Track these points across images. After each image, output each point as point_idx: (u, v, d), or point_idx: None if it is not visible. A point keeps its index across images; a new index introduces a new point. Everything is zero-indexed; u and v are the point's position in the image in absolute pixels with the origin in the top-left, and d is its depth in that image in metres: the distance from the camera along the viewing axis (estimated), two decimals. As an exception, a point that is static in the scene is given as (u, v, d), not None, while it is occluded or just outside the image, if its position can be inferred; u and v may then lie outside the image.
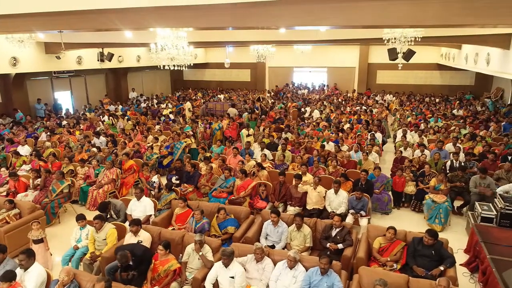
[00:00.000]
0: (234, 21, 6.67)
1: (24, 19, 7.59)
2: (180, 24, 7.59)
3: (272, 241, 5.88)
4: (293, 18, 6.08)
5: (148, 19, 7.24)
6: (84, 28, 7.70)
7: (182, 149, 10.13)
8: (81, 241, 5.80)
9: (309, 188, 7.12)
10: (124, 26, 7.55)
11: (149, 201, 6.63)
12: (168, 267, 4.91)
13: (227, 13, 6.36)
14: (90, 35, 12.52)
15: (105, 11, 6.93)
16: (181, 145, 10.20)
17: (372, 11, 5.33)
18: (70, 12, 6.91)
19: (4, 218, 6.40)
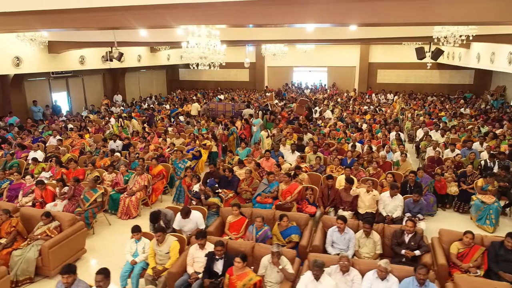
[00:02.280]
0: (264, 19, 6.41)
1: (36, 16, 7.12)
2: (210, 21, 7.29)
3: (339, 249, 5.61)
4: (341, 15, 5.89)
5: (182, 16, 6.92)
6: (108, 27, 7.29)
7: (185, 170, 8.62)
8: (138, 255, 5.37)
9: (361, 192, 6.89)
10: (149, 25, 7.20)
11: (198, 214, 6.16)
12: (248, 281, 4.56)
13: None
14: (98, 34, 11.93)
15: (133, 8, 6.58)
16: (184, 164, 8.87)
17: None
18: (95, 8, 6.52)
19: (44, 232, 5.89)
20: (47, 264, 5.66)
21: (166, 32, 10.77)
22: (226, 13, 6.56)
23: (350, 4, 5.47)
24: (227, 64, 24.89)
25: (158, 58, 19.87)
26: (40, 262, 5.65)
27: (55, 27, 7.58)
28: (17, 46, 11.93)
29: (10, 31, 9.34)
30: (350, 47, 21.52)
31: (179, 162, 8.94)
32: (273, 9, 6.20)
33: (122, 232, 7.34)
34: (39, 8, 6.78)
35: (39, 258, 5.64)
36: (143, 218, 7.92)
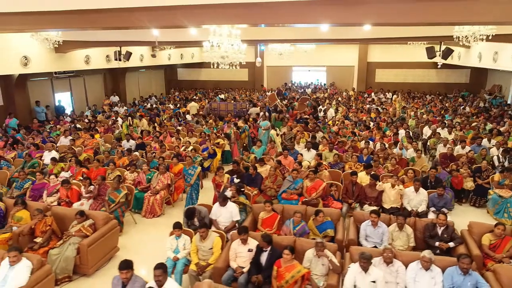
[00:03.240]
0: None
1: (52, 17, 7.14)
2: (231, 21, 7.40)
3: (373, 242, 5.77)
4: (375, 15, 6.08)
5: (204, 16, 7.01)
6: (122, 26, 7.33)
7: (197, 175, 8.30)
8: (179, 251, 5.44)
9: (386, 187, 7.07)
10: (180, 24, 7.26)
11: (234, 206, 6.32)
12: (296, 272, 4.68)
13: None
14: (106, 33, 11.89)
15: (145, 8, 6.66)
16: (195, 170, 8.36)
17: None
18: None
19: (79, 229, 5.90)
20: (85, 262, 5.69)
21: (178, 32, 10.80)
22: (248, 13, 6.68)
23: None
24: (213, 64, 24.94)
25: (160, 57, 19.80)
26: (78, 260, 5.67)
27: (69, 27, 7.59)
28: (24, 45, 11.84)
29: (26, 30, 9.29)
30: (348, 46, 21.81)
31: (188, 168, 8.33)
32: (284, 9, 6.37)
33: (148, 230, 7.40)
34: (55, 8, 6.81)
35: (77, 257, 5.66)
36: (167, 217, 8.00)
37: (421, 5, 5.53)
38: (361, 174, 7.97)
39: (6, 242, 6.03)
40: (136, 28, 8.57)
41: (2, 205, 6.58)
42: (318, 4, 5.93)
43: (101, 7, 6.78)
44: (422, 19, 5.62)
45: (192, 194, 8.11)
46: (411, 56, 21.16)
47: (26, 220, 6.34)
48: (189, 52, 22.52)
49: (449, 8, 5.09)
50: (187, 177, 8.23)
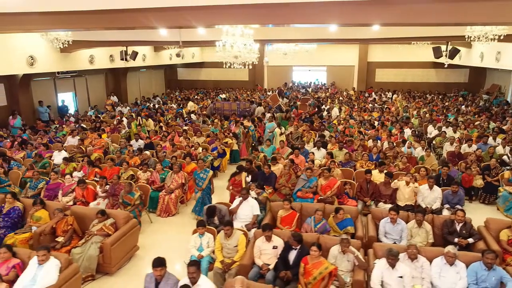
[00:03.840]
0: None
1: (59, 17, 7.15)
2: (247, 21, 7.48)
3: (392, 239, 5.87)
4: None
5: (219, 16, 7.08)
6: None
7: (208, 179, 7.97)
8: (203, 249, 5.49)
9: (401, 184, 7.17)
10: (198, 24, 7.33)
11: (254, 200, 6.40)
12: (324, 269, 4.74)
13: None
14: (113, 33, 11.88)
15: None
16: (207, 173, 7.99)
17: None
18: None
19: (101, 228, 5.92)
20: (108, 261, 5.71)
21: (188, 31, 10.82)
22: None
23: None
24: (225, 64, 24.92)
25: (161, 57, 19.81)
26: (101, 259, 5.70)
27: (78, 27, 7.61)
28: (30, 45, 11.81)
29: (34, 30, 9.27)
30: (349, 46, 21.95)
31: (200, 172, 7.91)
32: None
33: (165, 229, 7.44)
34: (64, 9, 6.84)
35: (100, 255, 5.69)
36: (181, 215, 8.05)
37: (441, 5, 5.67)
38: (373, 172, 8.06)
39: (26, 241, 6.05)
40: (147, 29, 8.60)
41: (20, 205, 6.57)
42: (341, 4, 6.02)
43: (112, 8, 6.83)
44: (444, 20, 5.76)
45: (204, 198, 7.78)
46: (411, 56, 21.40)
47: (45, 220, 6.35)
48: (190, 52, 22.53)
49: (477, 8, 5.21)
50: (198, 181, 7.87)
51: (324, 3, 6.30)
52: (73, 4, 6.69)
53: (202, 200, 7.71)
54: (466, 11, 5.49)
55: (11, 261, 4.87)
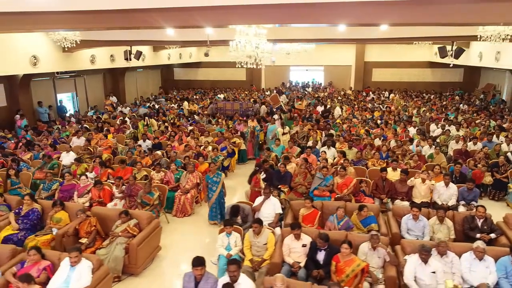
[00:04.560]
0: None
1: (66, 16, 7.10)
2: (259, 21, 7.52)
3: (415, 236, 5.97)
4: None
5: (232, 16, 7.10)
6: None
7: (222, 182, 7.46)
8: (231, 248, 5.50)
9: (417, 182, 7.29)
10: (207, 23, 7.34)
11: (277, 199, 6.44)
12: (356, 266, 4.80)
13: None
14: (117, 33, 11.76)
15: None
16: (220, 177, 7.46)
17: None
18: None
19: (125, 229, 5.88)
20: (134, 262, 5.68)
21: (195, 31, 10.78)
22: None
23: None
24: (223, 63, 24.96)
25: (160, 57, 19.68)
26: (127, 260, 5.66)
27: (86, 27, 7.56)
28: (33, 45, 11.63)
29: (41, 30, 9.16)
30: (346, 46, 22.08)
31: (213, 176, 7.41)
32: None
33: (182, 229, 7.42)
34: (71, 9, 6.80)
35: (126, 256, 5.65)
36: (197, 215, 8.06)
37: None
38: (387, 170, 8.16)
39: (48, 243, 5.98)
40: (158, 28, 8.55)
41: (39, 207, 6.48)
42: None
43: (124, 8, 6.80)
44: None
45: (220, 200, 7.43)
46: (407, 56, 21.68)
47: (65, 221, 6.29)
48: (188, 51, 22.44)
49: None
50: (212, 186, 7.35)
51: (337, 4, 6.40)
52: (80, 4, 6.63)
53: (216, 205, 7.42)
54: (486, 11, 5.62)
55: (41, 263, 4.80)
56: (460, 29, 10.59)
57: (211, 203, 7.31)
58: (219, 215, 7.33)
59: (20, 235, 6.06)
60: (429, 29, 11.42)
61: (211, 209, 7.41)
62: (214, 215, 7.41)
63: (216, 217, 7.37)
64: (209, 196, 7.31)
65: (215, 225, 7.36)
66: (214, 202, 7.31)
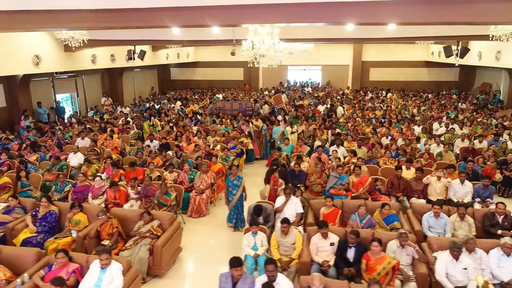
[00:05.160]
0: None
1: (76, 15, 6.99)
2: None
3: (436, 233, 6.02)
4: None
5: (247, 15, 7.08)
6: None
7: (243, 186, 7.30)
8: (257, 248, 5.47)
9: (433, 180, 7.36)
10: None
11: (297, 199, 6.45)
12: (387, 264, 4.83)
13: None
14: (122, 32, 11.64)
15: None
16: (240, 180, 7.29)
17: None
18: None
19: (149, 230, 5.81)
20: (158, 263, 5.62)
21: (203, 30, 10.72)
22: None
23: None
24: (220, 63, 24.86)
25: (158, 57, 19.52)
26: (151, 261, 5.60)
27: (94, 26, 7.48)
28: (35, 44, 11.43)
29: (46, 29, 9.00)
30: (343, 46, 22.20)
31: (234, 179, 7.22)
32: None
33: (199, 230, 7.38)
34: (77, 7, 6.70)
35: (150, 258, 5.59)
36: (212, 216, 8.01)
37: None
38: (399, 168, 8.23)
39: (68, 246, 5.86)
40: (168, 28, 8.47)
41: (56, 209, 6.37)
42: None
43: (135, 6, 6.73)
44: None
45: (238, 207, 7.26)
46: (404, 55, 21.94)
47: (84, 223, 6.19)
48: (185, 51, 22.31)
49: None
50: (232, 189, 7.17)
51: (346, 3, 6.45)
52: (89, 3, 6.54)
53: (236, 209, 7.25)
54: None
55: (69, 265, 4.72)
56: (467, 29, 10.75)
57: (231, 207, 7.16)
58: (237, 219, 7.22)
59: (39, 237, 5.95)
60: (432, 28, 11.58)
61: (230, 212, 7.28)
62: (233, 219, 7.27)
63: (237, 222, 7.23)
64: (229, 200, 7.14)
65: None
66: (234, 206, 7.17)
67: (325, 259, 5.19)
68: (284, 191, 6.43)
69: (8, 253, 5.01)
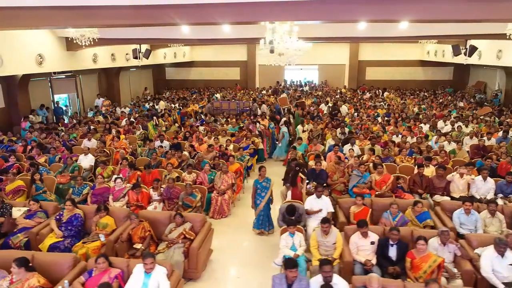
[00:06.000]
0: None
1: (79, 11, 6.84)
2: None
3: (468, 229, 6.06)
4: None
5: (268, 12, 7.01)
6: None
7: (272, 188, 7.12)
8: (296, 248, 5.40)
9: (455, 177, 7.42)
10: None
11: (327, 198, 6.40)
12: (432, 262, 4.81)
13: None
14: (126, 31, 11.39)
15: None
16: (269, 182, 7.07)
17: None
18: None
19: (182, 233, 5.67)
20: (194, 266, 5.49)
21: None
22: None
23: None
24: (216, 63, 24.67)
25: (156, 56, 19.23)
26: (186, 264, 5.46)
27: (106, 24, 7.31)
28: (38, 43, 11.10)
29: (51, 27, 8.73)
30: (340, 45, 22.30)
31: (263, 181, 6.95)
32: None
33: (224, 231, 7.25)
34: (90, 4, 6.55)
35: (185, 261, 5.45)
36: (234, 216, 7.91)
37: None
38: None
39: (98, 250, 5.68)
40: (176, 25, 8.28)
41: (81, 212, 6.16)
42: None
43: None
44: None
45: (266, 209, 7.00)
46: (399, 55, 22.19)
47: (112, 227, 6.01)
48: (182, 50, 22.06)
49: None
50: (261, 191, 6.89)
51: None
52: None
53: (265, 212, 7.00)
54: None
55: (110, 271, 4.55)
56: (471, 28, 10.89)
57: (259, 210, 6.88)
58: (267, 222, 7.03)
59: (66, 242, 5.75)
60: (439, 28, 11.72)
61: (258, 217, 6.97)
62: (261, 223, 7.00)
63: (264, 226, 7.00)
64: (256, 203, 6.87)
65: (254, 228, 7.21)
66: (262, 210, 6.91)
67: (366, 258, 5.15)
68: (316, 190, 6.37)
69: (41, 259, 4.80)
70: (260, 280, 5.62)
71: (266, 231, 7.07)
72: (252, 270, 5.89)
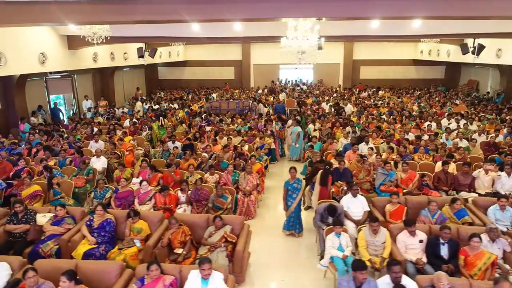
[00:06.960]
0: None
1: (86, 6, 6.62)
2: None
3: (504, 225, 6.11)
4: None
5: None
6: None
7: (303, 189, 7.19)
8: (343, 249, 5.31)
9: (480, 173, 7.49)
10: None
11: (363, 197, 6.35)
12: (487, 259, 4.80)
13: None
14: (130, 29, 11.06)
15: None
16: (300, 183, 6.87)
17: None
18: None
19: (222, 237, 5.50)
20: (239, 269, 5.33)
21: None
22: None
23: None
24: (211, 62, 24.43)
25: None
26: (231, 268, 5.29)
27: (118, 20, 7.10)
28: (40, 41, 10.64)
29: (55, 23, 8.37)
30: (335, 44, 22.38)
31: (294, 182, 6.74)
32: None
33: (255, 233, 7.01)
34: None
35: (230, 265, 5.28)
36: (259, 217, 7.76)
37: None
38: (438, 164, 8.33)
39: (136, 256, 5.45)
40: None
41: (112, 217, 5.88)
42: None
43: None
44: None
45: (297, 210, 6.83)
46: (393, 54, 22.50)
47: (146, 231, 5.78)
48: (176, 50, 21.69)
49: None
50: (292, 193, 6.72)
51: None
52: None
53: (295, 214, 6.84)
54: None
55: (164, 278, 4.34)
56: (473, 27, 11.10)
57: (290, 212, 6.74)
58: (298, 224, 6.87)
59: (100, 249, 5.47)
60: (444, 26, 11.89)
61: (288, 218, 6.84)
62: (291, 225, 6.86)
63: (294, 227, 6.85)
64: (288, 205, 6.72)
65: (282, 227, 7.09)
66: (293, 211, 6.75)
67: (417, 257, 5.11)
68: (352, 189, 6.31)
69: (87, 268, 4.54)
70: (304, 282, 5.52)
71: (296, 233, 6.94)
72: (295, 272, 5.77)
